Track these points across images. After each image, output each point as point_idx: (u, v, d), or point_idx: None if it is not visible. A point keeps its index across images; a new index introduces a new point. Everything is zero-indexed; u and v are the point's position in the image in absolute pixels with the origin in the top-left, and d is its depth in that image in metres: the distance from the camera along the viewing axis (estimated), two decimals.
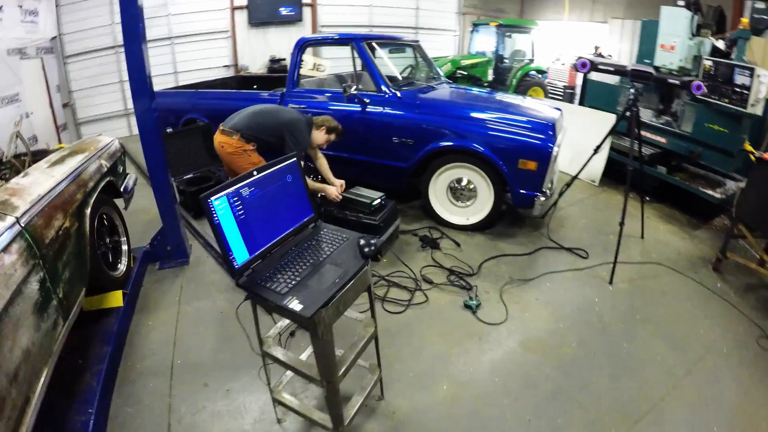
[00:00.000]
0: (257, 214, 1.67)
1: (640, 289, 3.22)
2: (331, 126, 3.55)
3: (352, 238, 1.86)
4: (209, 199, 1.48)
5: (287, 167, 1.81)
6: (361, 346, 1.85)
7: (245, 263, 1.62)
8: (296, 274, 1.64)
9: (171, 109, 5.49)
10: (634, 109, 3.47)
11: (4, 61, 6.15)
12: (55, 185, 2.44)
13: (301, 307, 1.45)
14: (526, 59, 10.13)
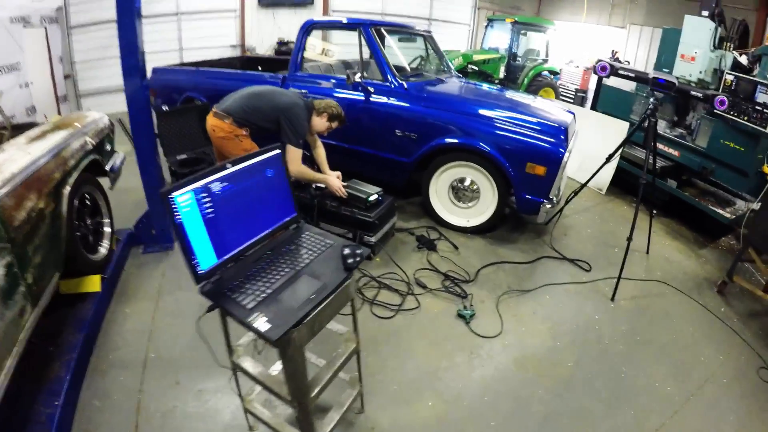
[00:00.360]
0: (229, 212, 1.47)
1: (643, 309, 3.06)
2: (333, 113, 3.28)
3: (336, 246, 1.67)
4: (171, 194, 1.28)
5: (268, 160, 1.61)
6: (339, 363, 1.69)
7: (212, 268, 1.43)
8: (268, 284, 1.45)
9: (170, 86, 5.31)
10: (653, 119, 3.29)
11: (6, 29, 5.98)
12: (31, 163, 2.29)
13: (268, 327, 1.26)
14: (539, 59, 9.90)
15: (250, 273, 1.50)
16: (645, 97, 4.95)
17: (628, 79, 4.59)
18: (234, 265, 1.53)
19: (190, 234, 1.35)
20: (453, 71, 4.95)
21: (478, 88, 4.53)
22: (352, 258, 1.54)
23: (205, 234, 1.39)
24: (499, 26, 9.80)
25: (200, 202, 1.37)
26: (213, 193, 1.41)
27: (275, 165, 1.64)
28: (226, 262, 1.48)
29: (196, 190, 1.36)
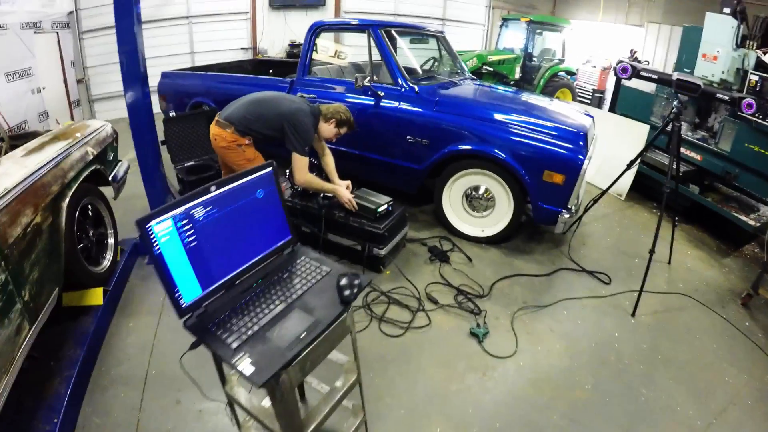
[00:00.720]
0: (214, 239, 1.34)
1: (664, 324, 2.89)
2: (341, 118, 3.14)
3: (334, 274, 1.53)
4: (148, 224, 1.16)
5: (258, 180, 1.47)
6: (338, 398, 1.56)
7: (196, 301, 1.31)
8: (255, 320, 1.31)
9: (180, 91, 5.26)
10: (677, 123, 3.11)
11: (17, 35, 5.99)
12: (26, 177, 2.23)
13: (252, 371, 1.14)
14: (555, 59, 9.69)
15: (238, 306, 1.37)
16: (666, 99, 4.76)
17: (650, 81, 4.41)
18: (221, 295, 1.40)
19: (171, 265, 1.23)
20: (467, 73, 4.80)
21: (492, 90, 4.37)
22: (349, 290, 1.39)
23: (187, 264, 1.27)
24: (513, 26, 9.61)
25: (181, 231, 1.25)
26: (195, 220, 1.28)
27: (266, 185, 1.50)
28: (212, 293, 1.36)
29: (176, 218, 1.23)
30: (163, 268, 1.22)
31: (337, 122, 3.14)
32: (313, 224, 3.35)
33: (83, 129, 3.04)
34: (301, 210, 3.40)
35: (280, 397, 1.24)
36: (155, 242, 1.20)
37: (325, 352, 1.41)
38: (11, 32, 5.86)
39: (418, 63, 4.68)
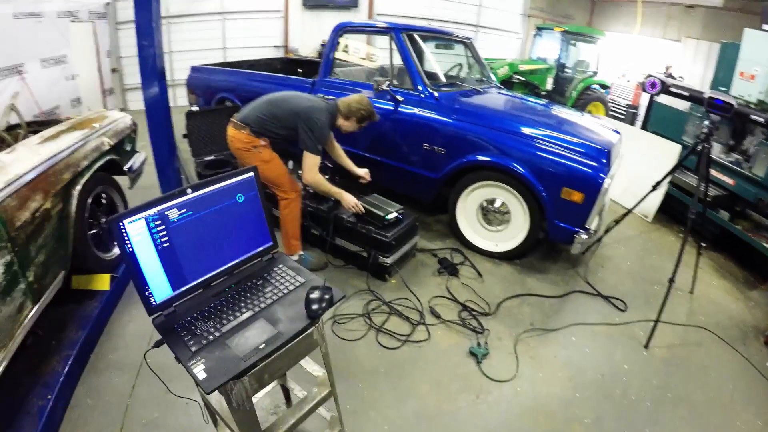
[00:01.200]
0: (188, 241, 1.33)
1: (679, 359, 2.71)
2: (363, 114, 3.06)
3: (307, 285, 1.48)
4: (120, 222, 1.16)
5: (239, 184, 1.44)
6: (306, 410, 1.51)
7: (166, 300, 1.31)
8: (219, 326, 1.30)
9: (207, 86, 5.32)
10: (707, 145, 2.95)
11: (54, 23, 6.18)
12: (38, 164, 2.29)
13: (204, 377, 1.13)
14: (589, 71, 9.45)
15: (206, 309, 1.36)
16: (700, 118, 4.55)
17: (680, 97, 4.22)
18: (193, 297, 1.39)
19: (142, 264, 1.23)
20: (494, 82, 4.69)
21: (516, 101, 4.25)
22: (317, 304, 1.34)
23: (159, 264, 1.27)
24: (548, 35, 9.43)
25: (153, 231, 1.24)
26: (169, 222, 1.27)
27: (247, 190, 1.47)
28: (183, 294, 1.36)
29: (149, 218, 1.23)
30: (135, 266, 1.22)
31: (359, 119, 3.10)
32: (323, 227, 3.31)
33: (101, 120, 3.08)
34: (311, 212, 3.37)
35: (235, 404, 1.23)
36: (127, 240, 1.20)
37: (288, 364, 1.38)
38: (48, 20, 6.04)
39: (444, 69, 4.60)
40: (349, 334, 2.66)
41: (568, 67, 9.30)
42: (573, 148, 3.10)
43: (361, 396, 2.24)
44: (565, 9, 12.10)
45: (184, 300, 1.37)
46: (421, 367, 2.46)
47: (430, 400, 2.26)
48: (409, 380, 2.36)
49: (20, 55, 5.70)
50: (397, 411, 2.18)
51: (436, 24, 10.04)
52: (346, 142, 3.99)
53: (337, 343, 2.60)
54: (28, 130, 3.03)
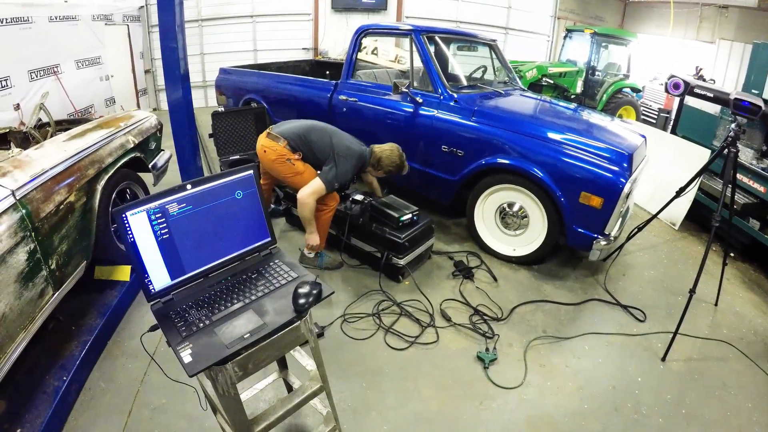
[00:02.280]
0: (187, 234, 1.40)
1: (697, 374, 2.59)
2: (391, 170, 3.20)
3: (298, 280, 1.52)
4: (123, 214, 1.23)
5: (238, 181, 1.50)
6: (296, 403, 1.52)
7: (164, 289, 1.38)
8: (210, 314, 1.36)
9: (235, 88, 5.44)
10: (733, 149, 2.84)
11: (89, 25, 6.43)
12: (64, 160, 2.42)
13: (189, 360, 1.19)
14: (620, 74, 9.19)
15: (201, 299, 1.43)
16: (730, 122, 4.38)
17: (704, 99, 4.07)
18: (191, 287, 1.47)
19: (143, 253, 1.31)
20: (518, 84, 4.64)
21: (538, 103, 4.19)
22: (303, 299, 1.38)
23: (159, 255, 1.34)
24: (578, 37, 9.23)
25: (154, 223, 1.32)
26: (169, 215, 1.35)
27: (246, 187, 1.52)
28: (180, 284, 1.43)
29: (150, 211, 1.30)
30: (136, 255, 1.30)
31: (386, 171, 3.21)
32: (338, 227, 3.34)
33: (127, 119, 3.20)
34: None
35: (220, 390, 1.28)
36: (129, 231, 1.27)
37: (273, 355, 1.42)
38: (83, 23, 6.29)
39: (468, 71, 4.58)
40: (357, 333, 2.68)
41: (598, 70, 9.08)
42: (592, 152, 3.04)
43: (364, 395, 2.24)
44: (595, 10, 11.84)
45: (182, 289, 1.44)
46: (426, 369, 2.45)
47: (433, 403, 2.24)
48: (413, 382, 2.35)
49: (56, 56, 5.97)
50: (398, 413, 2.17)
51: (464, 26, 10.00)
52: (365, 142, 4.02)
53: (345, 341, 2.62)
54: (56, 128, 3.17)
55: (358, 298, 3.00)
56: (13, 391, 2.02)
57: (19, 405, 1.97)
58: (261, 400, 2.17)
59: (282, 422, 1.53)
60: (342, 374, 2.36)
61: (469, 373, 2.44)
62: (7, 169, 2.05)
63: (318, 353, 1.58)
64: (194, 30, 8.48)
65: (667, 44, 11.04)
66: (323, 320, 2.75)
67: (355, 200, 3.45)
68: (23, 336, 1.90)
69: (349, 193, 3.52)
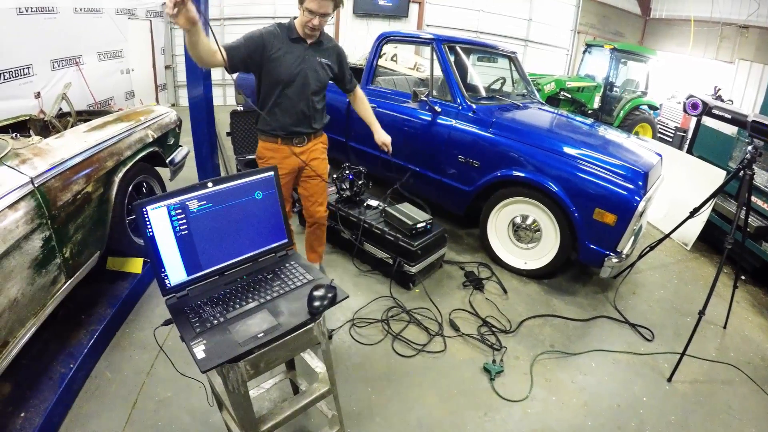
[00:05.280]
0: (205, 231, 1.41)
1: (703, 396, 2.56)
2: None
3: (313, 283, 1.53)
4: (144, 207, 1.25)
5: (258, 182, 1.51)
6: (303, 404, 1.54)
7: (180, 284, 1.40)
8: (225, 312, 1.37)
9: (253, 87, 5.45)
10: (749, 171, 2.82)
11: (112, 19, 6.53)
12: (84, 150, 2.46)
13: (202, 356, 1.20)
14: (638, 91, 9.16)
15: (216, 296, 1.44)
16: (747, 144, 4.34)
17: (722, 120, 4.05)
18: (206, 283, 1.48)
19: (161, 248, 1.32)
20: (536, 97, 4.63)
21: (555, 117, 4.18)
22: (318, 301, 1.39)
23: (176, 250, 1.36)
24: (597, 52, 9.21)
25: (173, 219, 1.33)
26: (189, 212, 1.36)
27: (266, 188, 1.54)
28: (196, 280, 1.44)
29: (171, 207, 1.32)
30: (154, 249, 1.32)
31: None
32: (351, 232, 3.35)
33: (147, 113, 3.24)
34: (342, 217, 3.42)
35: (230, 387, 1.30)
36: (149, 225, 1.29)
37: (285, 355, 1.42)
38: (107, 16, 6.39)
39: (487, 82, 4.58)
40: (365, 339, 2.68)
41: (616, 86, 9.05)
42: (608, 168, 3.03)
43: (369, 400, 2.24)
44: (616, 26, 11.83)
45: (197, 285, 1.46)
46: (432, 378, 2.44)
47: (437, 411, 2.23)
48: (418, 390, 2.35)
49: (79, 47, 6.06)
50: (401, 420, 2.17)
51: (484, 37, 10.02)
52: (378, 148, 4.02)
53: (353, 345, 2.62)
54: (77, 118, 3.22)
55: (367, 304, 3.00)
56: (19, 375, 2.05)
57: (25, 389, 2.00)
58: (266, 399, 2.19)
59: (287, 422, 1.53)
60: (348, 378, 2.36)
61: (475, 383, 2.43)
62: (27, 157, 2.09)
63: (329, 356, 1.59)
64: (217, 29, 8.56)
65: (687, 62, 10.99)
66: (332, 323, 2.76)
67: (370, 206, 3.47)
68: (33, 322, 1.93)
69: (363, 199, 3.54)
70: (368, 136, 3.33)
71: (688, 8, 10.90)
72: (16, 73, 5.27)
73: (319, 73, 2.46)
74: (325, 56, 2.49)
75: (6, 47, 5.09)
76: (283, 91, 2.39)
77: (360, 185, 3.54)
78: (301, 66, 2.37)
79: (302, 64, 2.37)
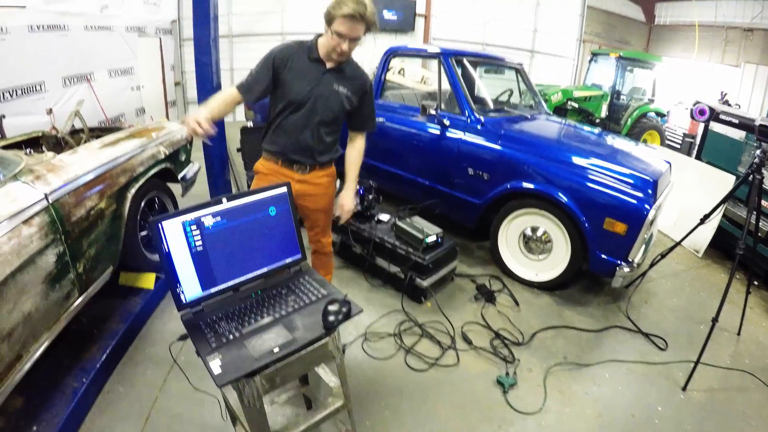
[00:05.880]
0: (220, 247, 1.43)
1: (717, 404, 2.53)
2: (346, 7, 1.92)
3: (327, 298, 1.54)
4: (160, 223, 1.27)
5: (273, 198, 1.53)
6: (318, 419, 1.54)
7: (195, 299, 1.42)
8: (240, 327, 1.39)
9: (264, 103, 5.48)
10: (758, 175, 2.80)
11: (122, 36, 6.65)
12: (97, 167, 2.48)
13: (219, 372, 1.22)
14: (645, 98, 9.13)
15: (231, 311, 1.46)
16: (756, 148, 4.32)
17: (729, 125, 4.03)
18: (221, 299, 1.49)
19: (176, 264, 1.34)
20: (544, 108, 4.65)
21: (563, 128, 4.20)
22: (333, 316, 1.40)
23: (192, 265, 1.38)
24: (603, 61, 9.21)
25: (189, 235, 1.35)
26: (204, 227, 1.38)
27: (280, 204, 1.56)
28: (211, 295, 1.46)
29: (186, 222, 1.34)
30: (169, 264, 1.33)
31: (346, 17, 1.93)
32: (363, 246, 3.36)
33: (159, 130, 3.28)
34: (353, 231, 3.44)
35: (246, 402, 1.30)
36: (164, 241, 1.31)
37: (300, 370, 1.44)
38: (117, 34, 6.51)
39: (494, 94, 4.60)
40: (378, 353, 2.68)
41: (623, 94, 9.03)
42: (617, 178, 3.03)
43: (381, 415, 2.23)
44: (621, 34, 11.85)
45: (212, 300, 1.47)
46: (445, 391, 2.43)
47: (450, 425, 2.22)
48: (431, 404, 2.34)
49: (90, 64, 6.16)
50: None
51: (490, 49, 10.07)
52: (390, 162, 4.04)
53: (365, 360, 2.62)
54: (90, 134, 3.27)
55: (379, 318, 3.00)
56: (32, 388, 2.06)
57: (37, 403, 2.01)
58: (279, 414, 2.18)
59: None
60: (361, 393, 2.35)
61: (489, 396, 2.42)
62: (41, 173, 2.12)
63: (343, 371, 1.59)
64: (225, 45, 8.70)
65: (692, 68, 10.97)
66: (344, 338, 2.76)
67: (380, 220, 3.48)
68: (47, 336, 1.94)
69: (374, 213, 3.56)
70: (378, 152, 3.36)
71: (692, 13, 10.91)
72: (28, 89, 5.38)
73: (332, 103, 2.16)
74: (346, 86, 2.18)
75: (19, 64, 5.19)
76: (290, 115, 2.16)
77: (370, 200, 3.56)
78: (314, 91, 2.11)
79: (316, 88, 2.11)
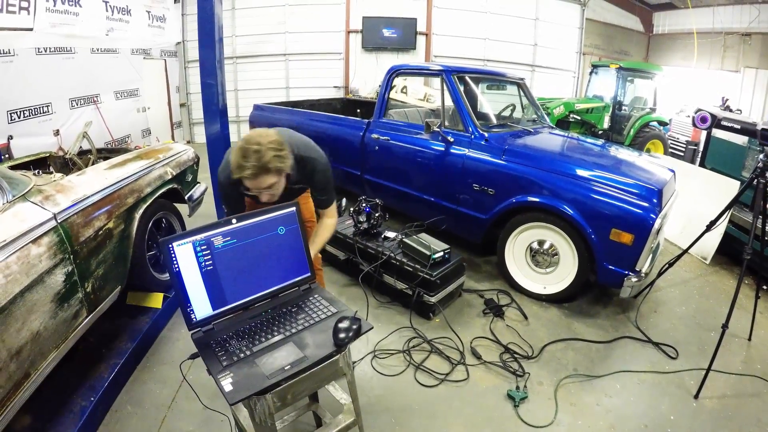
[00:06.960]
0: (230, 267, 1.45)
1: (731, 411, 2.50)
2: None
3: (338, 315, 1.55)
4: (170, 244, 1.29)
5: (281, 217, 1.55)
6: None
7: (206, 319, 1.43)
8: (251, 345, 1.40)
9: (269, 124, 5.55)
10: (762, 179, 2.80)
11: (128, 59, 6.77)
12: (105, 187, 2.52)
13: (230, 389, 1.22)
14: (647, 108, 9.14)
15: (241, 329, 1.47)
16: (759, 152, 4.30)
17: (731, 131, 4.02)
18: (231, 317, 1.50)
19: (187, 283, 1.36)
20: (546, 122, 4.67)
21: (566, 140, 4.21)
22: (344, 333, 1.40)
23: (202, 285, 1.39)
24: (603, 73, 9.24)
25: (199, 255, 1.37)
26: (214, 248, 1.40)
27: (289, 223, 1.58)
28: (222, 314, 1.47)
29: (196, 243, 1.36)
30: (180, 284, 1.35)
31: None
32: (370, 263, 3.37)
33: (166, 151, 3.33)
34: (360, 249, 3.46)
35: (258, 420, 1.31)
36: (175, 261, 1.33)
37: (312, 387, 1.44)
38: (122, 56, 6.64)
39: (497, 110, 4.63)
40: (387, 369, 2.67)
41: (624, 105, 9.05)
42: (622, 188, 3.03)
43: (393, 431, 2.22)
44: (620, 45, 11.92)
45: (223, 319, 1.48)
46: (456, 407, 2.41)
47: None
48: (442, 419, 2.32)
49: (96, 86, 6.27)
50: None
51: (492, 64, 10.15)
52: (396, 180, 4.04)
53: (375, 377, 2.61)
54: (98, 156, 3.31)
55: (388, 335, 3.00)
56: (40, 407, 2.07)
57: (46, 421, 2.02)
58: (290, 431, 2.17)
59: None
60: (371, 409, 2.34)
61: (500, 411, 2.40)
62: (50, 193, 2.16)
63: (354, 388, 1.59)
64: (229, 67, 8.82)
65: (693, 75, 11.01)
66: (354, 355, 2.75)
67: (387, 237, 3.49)
68: (55, 355, 1.95)
69: (381, 231, 3.58)
70: (383, 170, 3.37)
71: (690, 21, 10.96)
72: (36, 111, 5.46)
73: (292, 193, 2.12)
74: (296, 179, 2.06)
75: (26, 86, 5.28)
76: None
77: (377, 217, 3.57)
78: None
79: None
